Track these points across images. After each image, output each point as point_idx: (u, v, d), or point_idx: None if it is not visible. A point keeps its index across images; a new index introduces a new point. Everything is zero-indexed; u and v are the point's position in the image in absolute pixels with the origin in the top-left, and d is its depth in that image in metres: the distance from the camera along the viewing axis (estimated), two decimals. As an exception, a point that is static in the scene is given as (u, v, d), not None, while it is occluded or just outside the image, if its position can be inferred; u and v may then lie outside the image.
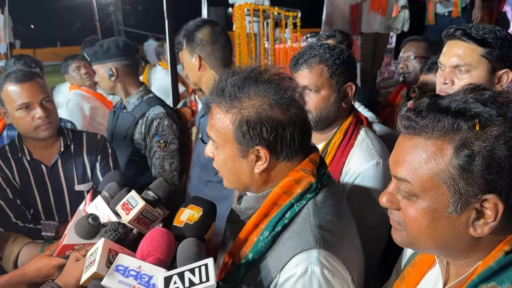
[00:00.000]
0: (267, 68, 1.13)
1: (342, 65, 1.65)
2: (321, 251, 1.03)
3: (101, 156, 2.09)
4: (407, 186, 0.86)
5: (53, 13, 21.10)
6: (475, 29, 1.54)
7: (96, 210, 1.23)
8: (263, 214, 1.11)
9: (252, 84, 1.09)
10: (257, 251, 1.08)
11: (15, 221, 1.90)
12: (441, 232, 0.84)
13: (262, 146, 1.07)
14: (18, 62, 2.65)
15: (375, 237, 1.62)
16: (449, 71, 1.60)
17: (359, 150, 1.66)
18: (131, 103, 2.55)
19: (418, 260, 1.05)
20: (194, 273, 0.95)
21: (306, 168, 1.12)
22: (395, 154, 0.89)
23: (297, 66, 1.68)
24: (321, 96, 1.65)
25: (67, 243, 1.22)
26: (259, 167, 1.10)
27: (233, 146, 1.10)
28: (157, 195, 1.19)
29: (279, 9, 5.74)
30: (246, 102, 1.07)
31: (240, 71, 1.12)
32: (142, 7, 23.73)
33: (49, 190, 2.01)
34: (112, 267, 1.00)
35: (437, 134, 0.81)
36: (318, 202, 1.11)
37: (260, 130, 1.06)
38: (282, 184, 1.11)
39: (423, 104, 0.85)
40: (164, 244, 1.02)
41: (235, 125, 1.08)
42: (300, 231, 1.07)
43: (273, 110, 1.06)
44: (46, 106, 1.90)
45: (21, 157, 1.98)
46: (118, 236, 1.09)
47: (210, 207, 1.14)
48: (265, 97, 1.07)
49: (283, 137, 1.07)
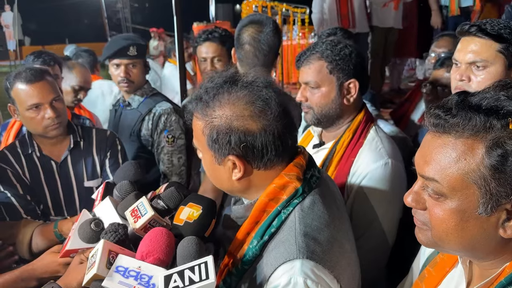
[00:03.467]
0: (244, 75, 1.11)
1: (343, 61, 1.62)
2: (304, 261, 1.00)
3: (110, 153, 2.10)
4: (435, 186, 0.83)
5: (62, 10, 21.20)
6: (490, 25, 1.52)
7: (104, 213, 1.23)
8: (254, 222, 1.10)
9: (226, 92, 1.07)
10: (246, 260, 1.07)
11: (25, 217, 1.90)
12: (469, 233, 0.83)
13: (234, 156, 1.06)
14: (37, 60, 2.66)
15: (381, 239, 1.61)
16: (465, 67, 1.57)
17: (368, 150, 1.64)
18: (136, 99, 2.56)
19: (439, 260, 1.04)
20: (194, 271, 0.95)
21: (290, 173, 1.09)
22: (422, 152, 0.87)
23: (299, 63, 1.68)
24: (321, 92, 1.64)
25: (70, 248, 1.23)
26: (236, 174, 1.08)
27: (209, 153, 1.10)
28: (167, 205, 1.17)
29: (287, 5, 5.73)
30: (217, 111, 1.06)
31: (217, 78, 1.11)
32: (150, 4, 23.77)
33: (59, 186, 2.02)
34: (112, 268, 1.00)
35: (468, 133, 0.79)
36: (305, 207, 1.09)
37: (228, 140, 1.04)
38: (268, 191, 1.09)
39: (451, 101, 0.83)
40: (164, 243, 1.02)
41: (205, 133, 1.07)
42: (284, 240, 1.04)
43: (243, 119, 1.04)
44: (56, 106, 1.91)
45: (31, 153, 1.99)
46: (119, 237, 1.09)
47: (209, 205, 1.12)
48: (236, 106, 1.05)
49: (253, 146, 1.05)
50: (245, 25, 2.10)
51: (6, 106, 2.00)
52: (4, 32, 16.54)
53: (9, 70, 13.93)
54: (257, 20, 2.12)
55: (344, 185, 1.62)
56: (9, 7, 16.22)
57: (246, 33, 2.07)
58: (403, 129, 2.49)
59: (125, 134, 2.55)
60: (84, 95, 3.01)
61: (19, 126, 2.53)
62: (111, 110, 2.78)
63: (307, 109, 1.68)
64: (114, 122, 2.67)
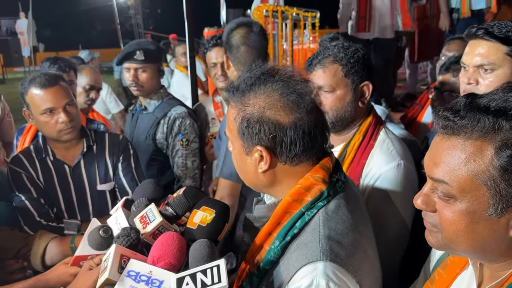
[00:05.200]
0: (282, 69, 1.12)
1: (357, 63, 1.62)
2: (327, 264, 0.99)
3: (123, 157, 2.12)
4: (444, 188, 0.84)
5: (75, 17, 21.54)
6: (497, 28, 1.51)
7: (116, 223, 1.24)
8: (275, 223, 1.09)
9: (262, 83, 1.08)
10: (268, 261, 1.07)
11: (39, 220, 1.94)
12: (479, 234, 0.82)
13: (262, 147, 1.06)
14: (53, 66, 2.71)
15: (395, 241, 1.60)
16: (472, 71, 1.57)
17: (380, 151, 1.63)
18: (152, 104, 2.61)
19: (450, 262, 1.03)
20: (206, 274, 0.95)
21: (316, 175, 1.09)
22: (431, 154, 0.87)
23: (311, 67, 1.67)
24: (336, 96, 1.63)
25: (80, 254, 1.25)
26: (262, 167, 1.08)
27: (239, 142, 1.10)
28: (176, 211, 1.18)
29: (297, 9, 5.73)
30: (251, 100, 1.07)
31: (256, 69, 1.12)
32: (162, 10, 24.01)
33: (72, 190, 2.04)
34: (124, 272, 1.00)
35: (477, 134, 0.79)
36: (329, 210, 1.08)
37: (258, 130, 1.05)
38: (292, 192, 1.08)
39: (460, 103, 0.83)
40: (175, 248, 1.02)
41: (238, 121, 1.08)
42: (307, 242, 1.04)
43: (275, 111, 1.05)
44: (69, 111, 1.94)
45: (45, 157, 2.02)
46: (131, 242, 1.09)
47: (223, 209, 1.12)
48: (269, 97, 1.06)
49: (282, 139, 1.05)
50: (234, 28, 2.14)
51: (20, 110, 2.04)
52: (19, 38, 16.83)
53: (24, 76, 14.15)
54: (245, 22, 2.18)
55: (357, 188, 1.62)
56: (24, 14, 16.54)
57: (238, 35, 2.11)
58: (414, 133, 2.47)
59: (141, 137, 2.60)
60: (96, 95, 3.08)
61: (35, 131, 2.58)
62: (128, 114, 2.83)
63: None
64: (131, 126, 2.71)
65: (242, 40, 2.10)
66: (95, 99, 3.09)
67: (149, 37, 13.47)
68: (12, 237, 1.79)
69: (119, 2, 15.15)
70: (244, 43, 2.10)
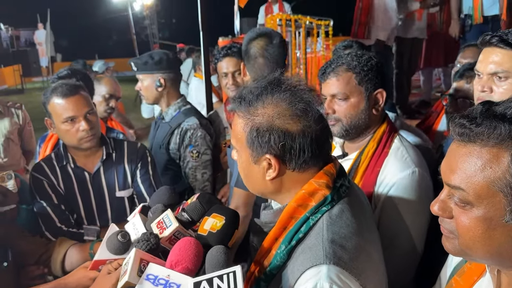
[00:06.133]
0: (288, 78, 1.14)
1: (371, 71, 1.63)
2: (331, 267, 1.00)
3: (141, 164, 2.16)
4: (461, 194, 0.84)
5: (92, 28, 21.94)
6: (511, 35, 1.51)
7: (134, 228, 1.27)
8: (282, 227, 1.11)
9: (269, 93, 1.10)
10: (274, 266, 1.09)
11: (60, 226, 1.98)
12: (496, 241, 0.83)
13: (271, 155, 1.08)
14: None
15: (410, 249, 1.59)
16: (486, 78, 1.57)
17: (394, 159, 1.63)
18: (169, 113, 2.64)
19: (467, 269, 1.03)
20: (222, 279, 0.97)
21: (320, 181, 1.10)
22: (448, 161, 0.88)
23: (325, 75, 1.68)
24: (350, 103, 1.64)
25: (99, 259, 1.28)
26: (270, 174, 1.10)
27: (247, 152, 1.12)
28: (191, 217, 1.21)
29: (311, 18, 5.76)
30: (260, 110, 1.09)
31: (262, 80, 1.14)
32: (177, 20, 24.30)
33: (92, 196, 2.09)
34: (143, 276, 1.04)
35: (493, 141, 0.80)
36: (333, 215, 1.09)
37: (268, 139, 1.06)
38: (297, 197, 1.10)
39: (476, 110, 0.84)
40: (192, 253, 1.05)
41: (246, 131, 1.10)
42: (312, 246, 1.05)
43: (284, 119, 1.07)
44: (90, 119, 1.99)
45: (65, 164, 2.07)
46: (150, 246, 1.12)
47: (232, 216, 1.15)
48: (278, 106, 1.08)
49: (291, 147, 1.07)
50: (253, 38, 2.13)
51: (38, 120, 2.09)
52: (37, 49, 17.18)
53: (42, 86, 14.44)
54: (266, 32, 2.16)
55: (371, 195, 1.62)
56: (42, 25, 16.89)
57: (257, 47, 2.11)
58: (430, 141, 2.46)
59: (157, 146, 2.63)
60: (115, 104, 3.14)
61: (56, 139, 2.63)
62: (152, 122, 2.87)
63: (334, 121, 1.67)
64: (152, 135, 2.75)
65: (260, 51, 2.10)
66: (114, 107, 3.15)
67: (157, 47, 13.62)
68: (33, 242, 1.83)
69: (135, 12, 15.42)
70: (262, 55, 2.10)
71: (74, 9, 20.94)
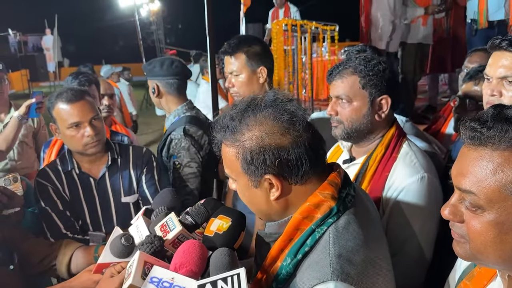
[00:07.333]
0: (264, 95, 1.13)
1: (376, 76, 1.61)
2: (338, 284, 0.98)
3: (146, 169, 2.15)
4: (472, 198, 0.83)
5: (98, 33, 22.14)
6: None
7: (137, 231, 1.27)
8: (287, 239, 1.09)
9: (251, 114, 1.08)
10: (281, 279, 1.07)
11: (65, 232, 1.97)
12: (508, 245, 0.82)
13: (270, 174, 1.06)
14: (74, 81, 2.77)
15: (419, 255, 1.58)
16: (496, 82, 1.56)
17: (403, 164, 1.61)
18: (169, 120, 2.59)
19: (477, 273, 1.02)
20: (226, 282, 0.97)
21: (324, 192, 1.09)
22: (459, 165, 0.87)
23: (331, 77, 1.68)
24: (353, 107, 1.63)
25: (102, 262, 1.28)
26: (273, 194, 1.08)
27: (245, 178, 1.10)
28: (195, 220, 1.21)
29: (316, 23, 5.76)
30: (246, 134, 1.07)
31: (239, 104, 1.12)
32: (183, 26, 24.45)
33: (97, 202, 2.08)
34: (147, 279, 1.03)
35: (505, 145, 0.79)
36: (339, 227, 1.07)
37: (263, 159, 1.04)
38: (302, 209, 1.08)
39: (487, 114, 0.83)
40: (196, 256, 1.05)
41: (239, 158, 1.08)
42: (318, 260, 1.03)
43: (274, 136, 1.05)
44: (95, 125, 1.98)
45: (70, 170, 2.06)
46: (154, 249, 1.12)
47: (239, 217, 1.14)
48: (263, 125, 1.06)
49: (288, 161, 1.05)
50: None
51: (47, 124, 2.09)
52: (45, 54, 17.33)
53: (49, 91, 14.56)
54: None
55: (379, 200, 1.60)
56: (49, 31, 17.06)
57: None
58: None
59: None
60: (110, 101, 3.14)
61: (61, 144, 2.63)
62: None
63: (336, 123, 1.67)
64: None
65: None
66: (111, 105, 3.14)
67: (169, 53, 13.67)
68: (38, 244, 1.82)
69: (141, 18, 15.52)
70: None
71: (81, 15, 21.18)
